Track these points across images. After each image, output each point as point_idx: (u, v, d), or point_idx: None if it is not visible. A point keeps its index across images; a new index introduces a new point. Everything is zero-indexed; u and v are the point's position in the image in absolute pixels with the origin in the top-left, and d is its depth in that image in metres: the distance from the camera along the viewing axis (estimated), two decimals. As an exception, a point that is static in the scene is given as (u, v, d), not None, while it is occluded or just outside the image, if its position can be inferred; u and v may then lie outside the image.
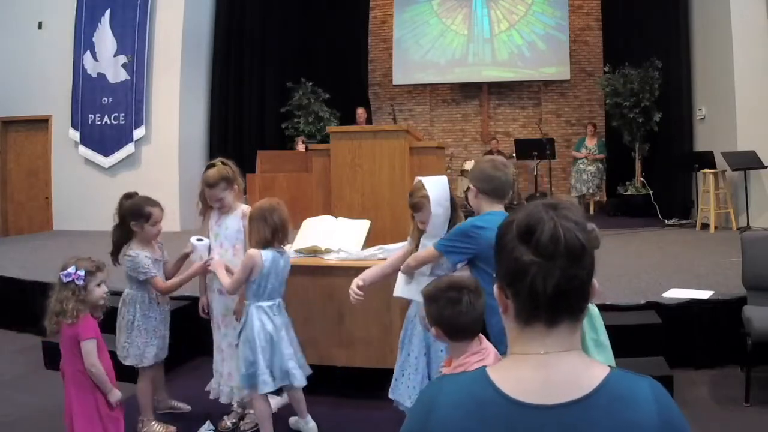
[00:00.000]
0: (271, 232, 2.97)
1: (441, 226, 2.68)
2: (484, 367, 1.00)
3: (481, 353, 1.98)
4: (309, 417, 3.25)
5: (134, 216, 3.20)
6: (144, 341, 3.25)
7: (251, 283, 2.99)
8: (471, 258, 2.39)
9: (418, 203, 2.73)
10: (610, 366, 0.95)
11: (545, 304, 0.93)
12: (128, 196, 3.31)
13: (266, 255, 2.97)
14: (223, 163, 3.37)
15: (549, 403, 0.90)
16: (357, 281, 2.76)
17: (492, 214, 2.43)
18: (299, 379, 3.07)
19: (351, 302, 2.75)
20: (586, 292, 0.96)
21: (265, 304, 3.02)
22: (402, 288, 2.77)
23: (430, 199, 2.65)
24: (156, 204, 3.27)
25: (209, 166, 3.36)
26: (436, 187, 2.70)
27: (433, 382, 1.05)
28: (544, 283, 0.92)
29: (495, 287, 1.01)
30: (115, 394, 2.67)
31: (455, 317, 1.97)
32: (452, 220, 2.71)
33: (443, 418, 0.94)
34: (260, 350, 2.97)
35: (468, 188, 2.65)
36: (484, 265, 2.32)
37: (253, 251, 2.97)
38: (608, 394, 0.91)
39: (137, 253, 3.21)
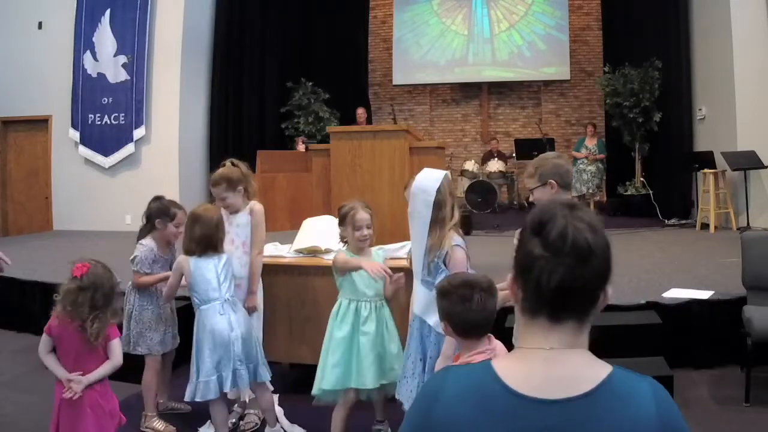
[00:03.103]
0: (193, 243, 3.04)
1: (420, 228, 2.60)
2: (489, 359, 1.02)
3: (487, 353, 1.98)
4: (278, 427, 3.21)
5: (161, 214, 3.36)
6: (138, 331, 3.35)
7: (191, 287, 3.07)
8: None
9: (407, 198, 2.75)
10: (612, 365, 0.96)
11: (548, 299, 0.95)
12: (157, 198, 3.46)
13: (192, 262, 3.04)
14: (233, 164, 3.39)
15: (551, 397, 0.91)
16: None
17: None
18: (244, 382, 3.05)
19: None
20: (593, 295, 0.97)
21: (208, 306, 3.03)
22: (425, 310, 2.64)
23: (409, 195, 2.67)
24: (181, 207, 3.43)
25: (221, 166, 3.43)
26: (419, 182, 2.64)
27: (438, 372, 1.06)
28: (549, 278, 0.93)
29: (509, 277, 1.03)
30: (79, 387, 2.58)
31: (464, 314, 1.97)
32: (437, 221, 2.60)
33: (447, 408, 0.95)
34: (207, 353, 2.98)
35: (529, 186, 2.57)
36: None
37: (181, 258, 3.10)
38: (610, 392, 0.92)
39: (145, 244, 3.35)
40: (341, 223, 3.04)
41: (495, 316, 2.04)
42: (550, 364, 0.95)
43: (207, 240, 3.02)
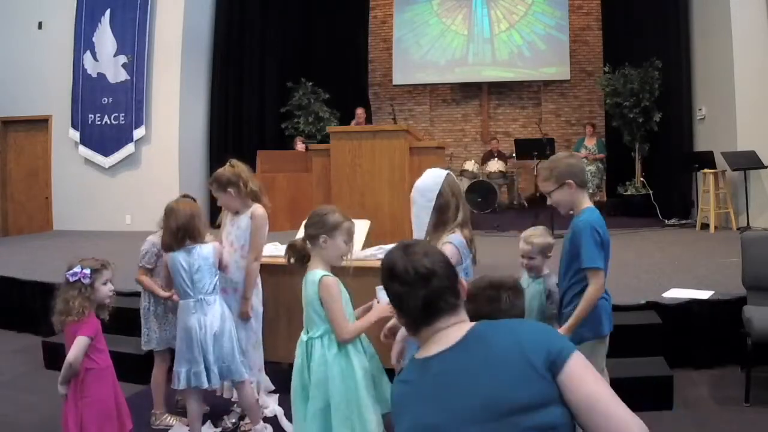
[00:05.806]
0: (170, 235, 3.03)
1: (417, 234, 2.52)
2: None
3: None
4: (260, 425, 3.18)
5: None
6: (157, 326, 3.40)
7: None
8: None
9: None
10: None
11: (421, 316, 1.35)
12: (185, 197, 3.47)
13: (170, 257, 3.06)
14: (230, 165, 3.35)
15: (437, 351, 1.32)
16: None
17: (593, 211, 2.50)
18: (213, 381, 3.03)
19: None
20: (453, 293, 1.37)
21: (183, 302, 3.06)
22: None
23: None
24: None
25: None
26: (418, 185, 2.55)
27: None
28: (415, 303, 1.34)
29: (396, 312, 1.43)
30: (61, 390, 2.65)
31: (493, 315, 1.84)
32: (439, 223, 2.50)
33: (392, 391, 1.41)
34: (180, 347, 3.04)
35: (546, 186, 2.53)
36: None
37: (167, 255, 3.10)
38: (474, 335, 1.31)
39: (149, 240, 3.43)
40: (329, 231, 2.44)
41: (523, 316, 1.97)
42: (438, 338, 1.33)
43: (183, 230, 3.01)
